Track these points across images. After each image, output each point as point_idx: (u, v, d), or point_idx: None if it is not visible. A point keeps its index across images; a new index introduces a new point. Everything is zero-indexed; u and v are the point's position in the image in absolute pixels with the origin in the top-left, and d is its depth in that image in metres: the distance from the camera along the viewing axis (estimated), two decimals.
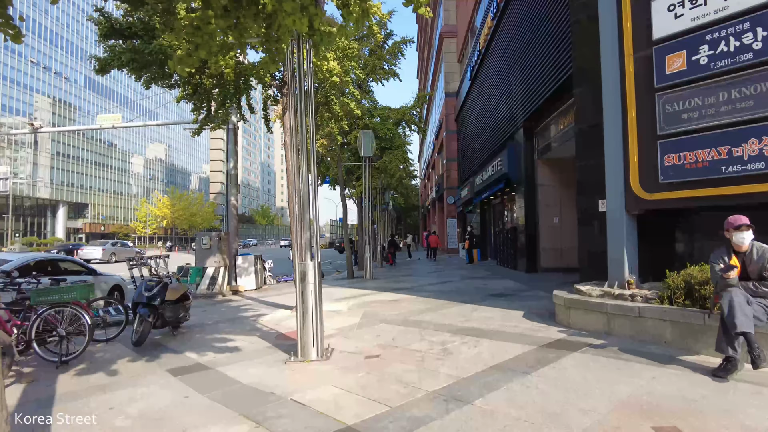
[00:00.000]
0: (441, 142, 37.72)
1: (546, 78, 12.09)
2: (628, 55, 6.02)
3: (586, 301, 5.98)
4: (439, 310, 8.17)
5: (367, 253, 15.70)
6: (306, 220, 5.68)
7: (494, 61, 18.96)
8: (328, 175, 20.26)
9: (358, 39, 16.66)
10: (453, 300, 9.39)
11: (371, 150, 14.83)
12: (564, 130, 12.28)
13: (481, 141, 21.93)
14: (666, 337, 5.01)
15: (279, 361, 5.46)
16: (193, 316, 9.20)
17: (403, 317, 7.66)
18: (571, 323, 6.19)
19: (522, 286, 11.27)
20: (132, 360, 5.97)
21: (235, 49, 8.34)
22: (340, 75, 9.62)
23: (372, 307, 8.97)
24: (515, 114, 15.67)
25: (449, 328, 6.65)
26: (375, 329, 6.87)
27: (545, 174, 14.73)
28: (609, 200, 6.34)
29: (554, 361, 4.74)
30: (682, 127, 5.45)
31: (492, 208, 23.38)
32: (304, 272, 5.58)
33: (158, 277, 7.52)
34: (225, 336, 7.18)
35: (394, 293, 11.04)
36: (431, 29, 44.11)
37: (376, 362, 5.12)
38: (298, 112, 5.62)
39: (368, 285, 13.33)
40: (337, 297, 10.80)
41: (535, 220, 14.89)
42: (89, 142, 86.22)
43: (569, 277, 12.78)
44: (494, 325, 6.66)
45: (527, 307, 8.06)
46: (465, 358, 5.06)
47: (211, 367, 5.45)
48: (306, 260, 5.64)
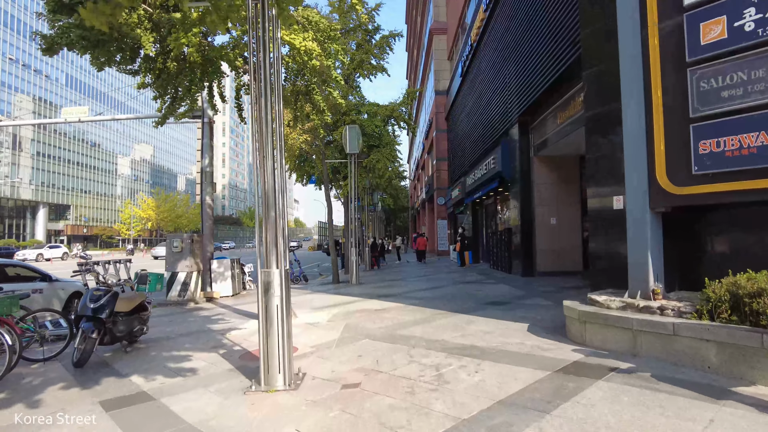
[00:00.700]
0: (431, 142, 36.88)
1: (544, 68, 11.23)
2: (652, 25, 5.13)
3: (605, 314, 5.05)
4: (431, 322, 7.21)
5: (354, 257, 14.71)
6: (271, 220, 4.71)
7: (487, 54, 18.11)
8: (313, 174, 19.28)
9: (344, 33, 15.77)
10: (445, 309, 8.45)
11: (357, 146, 13.86)
12: (563, 125, 11.42)
13: (473, 139, 21.07)
14: (710, 361, 4.10)
15: (238, 390, 4.48)
16: (157, 327, 8.20)
17: (390, 331, 6.69)
18: (586, 340, 5.27)
19: (519, 292, 10.36)
20: (65, 387, 4.95)
21: (198, 26, 7.37)
22: (321, 58, 8.67)
23: (356, 317, 7.99)
24: (510, 108, 14.80)
25: (443, 345, 5.70)
26: (357, 346, 5.89)
27: (542, 171, 13.86)
28: (629, 197, 5.44)
29: (576, 393, 3.81)
30: (721, 107, 4.56)
31: (484, 208, 22.52)
32: (268, 282, 4.59)
33: (107, 285, 6.50)
34: (184, 354, 6.17)
35: (381, 301, 10.08)
36: (421, 28, 43.30)
37: (355, 394, 4.15)
38: (260, 83, 4.64)
39: (354, 291, 12.35)
40: (318, 305, 9.81)
41: (531, 220, 14.02)
42: (71, 142, 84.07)
43: (568, 281, 11.95)
44: (495, 342, 5.72)
45: (530, 318, 7.14)
46: (465, 388, 4.11)
47: (155, 397, 4.45)
48: (271, 267, 4.66)
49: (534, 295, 9.71)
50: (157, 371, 5.38)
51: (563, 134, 11.47)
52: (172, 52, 7.67)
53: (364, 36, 16.41)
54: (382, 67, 16.54)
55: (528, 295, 9.85)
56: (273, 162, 4.75)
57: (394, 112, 17.00)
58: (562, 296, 9.35)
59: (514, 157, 14.65)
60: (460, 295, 10.53)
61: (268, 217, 4.70)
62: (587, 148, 6.77)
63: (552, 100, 11.96)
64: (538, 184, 13.89)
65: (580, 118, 10.30)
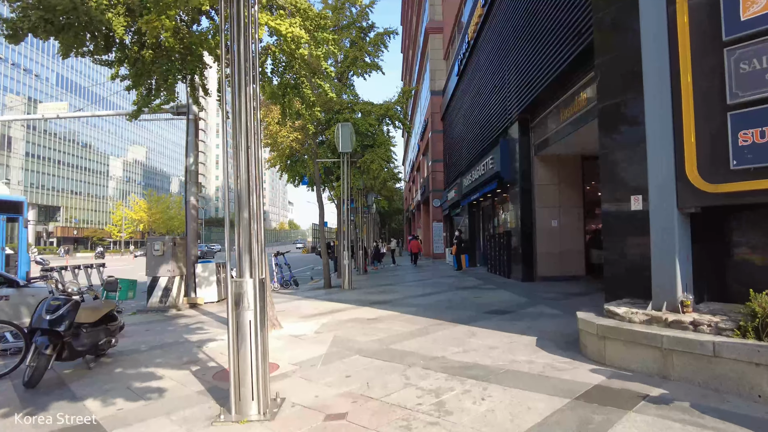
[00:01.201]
0: (426, 143, 36.30)
1: (547, 61, 10.63)
2: (681, 0, 4.52)
3: (629, 330, 4.41)
4: (428, 334, 6.55)
5: (346, 260, 14.04)
6: (244, 222, 4.06)
7: (485, 51, 17.52)
8: (306, 175, 18.59)
9: (338, 30, 15.14)
10: (443, 318, 7.80)
11: (350, 145, 13.20)
12: (566, 122, 10.83)
13: (470, 139, 20.47)
14: (761, 389, 3.47)
15: (204, 420, 3.81)
16: (131, 338, 7.54)
17: (383, 345, 6.03)
18: (606, 358, 4.63)
19: (521, 299, 9.73)
20: (5, 414, 4.26)
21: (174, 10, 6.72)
22: (310, 48, 8.03)
23: (346, 328, 7.32)
24: (509, 106, 14.21)
25: (443, 363, 5.04)
26: (346, 364, 5.22)
27: (543, 172, 13.26)
28: (653, 196, 4.82)
29: (605, 429, 3.17)
30: (766, 91, 3.94)
31: (481, 210, 21.92)
32: (239, 294, 3.94)
33: (66, 293, 5.81)
34: (153, 371, 5.49)
35: (374, 308, 9.42)
36: (416, 29, 42.75)
37: (340, 428, 3.49)
38: (235, 63, 4.00)
39: (346, 297, 11.69)
40: (307, 313, 9.13)
41: (531, 223, 13.41)
42: (62, 143, 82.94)
43: (572, 287, 11.34)
44: (502, 360, 5.06)
45: (537, 329, 6.50)
46: (471, 420, 3.46)
47: (107, 429, 3.78)
48: (244, 277, 4.00)
49: (538, 303, 9.09)
50: (119, 393, 4.70)
51: (566, 132, 10.88)
52: (147, 38, 7.02)
53: (359, 33, 15.76)
54: (377, 64, 15.90)
55: (531, 302, 9.22)
56: (247, 155, 4.10)
57: (389, 111, 16.34)
58: (568, 304, 8.73)
59: (513, 157, 14.05)
60: (459, 302, 9.89)
61: (241, 219, 4.05)
62: (600, 143, 6.15)
63: (554, 96, 11.37)
64: (538, 185, 13.29)
65: (586, 114, 9.72)
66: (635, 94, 5.34)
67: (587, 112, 9.69)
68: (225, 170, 4.25)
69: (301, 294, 12.95)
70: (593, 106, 9.39)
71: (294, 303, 10.94)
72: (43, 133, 78.08)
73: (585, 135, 10.58)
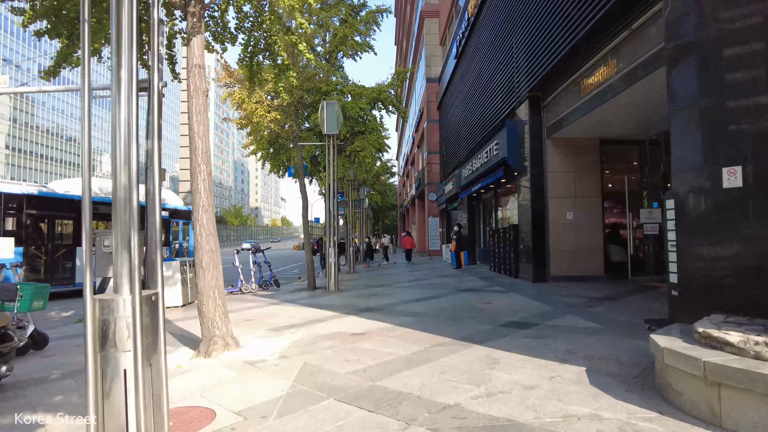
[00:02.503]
0: (421, 134, 34.61)
1: (570, 21, 8.93)
2: None
3: (766, 375, 2.73)
4: (431, 361, 4.84)
5: (332, 258, 12.31)
6: (127, 215, 2.34)
7: (488, 25, 15.80)
8: (291, 165, 16.81)
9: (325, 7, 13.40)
10: (450, 334, 6.09)
11: (336, 126, 11.47)
12: (589, 95, 9.16)
13: (471, 125, 18.75)
14: None
15: None
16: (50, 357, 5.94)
17: (369, 380, 4.29)
18: (723, 414, 2.93)
19: (542, 306, 8.06)
20: None
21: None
22: None
23: (321, 350, 5.58)
24: (517, 84, 12.52)
25: (458, 418, 3.30)
26: (310, 416, 3.50)
27: (557, 157, 11.58)
28: None
29: None
30: None
31: (482, 203, 20.28)
32: (107, 322, 2.22)
33: None
34: (41, 417, 3.77)
35: (362, 317, 7.71)
36: (410, 17, 40.95)
37: None
38: None
39: (330, 302, 9.97)
40: (279, 324, 7.41)
41: (543, 215, 11.75)
42: (45, 136, 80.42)
43: (593, 290, 9.66)
44: (549, 412, 3.34)
45: (581, 355, 4.77)
46: None
47: None
48: (121, 292, 2.29)
49: (563, 311, 7.41)
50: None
51: (588, 108, 9.22)
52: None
53: (348, 11, 13.98)
54: (368, 44, 14.17)
55: (555, 311, 7.53)
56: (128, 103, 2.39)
57: (381, 95, 14.59)
58: (602, 313, 7.08)
59: (522, 141, 12.38)
60: (465, 309, 8.20)
61: (123, 213, 2.34)
62: (670, 99, 4.46)
63: (573, 66, 9.71)
64: (551, 172, 11.62)
65: (616, 83, 8.07)
66: (731, 24, 3.66)
67: (610, 87, 8.14)
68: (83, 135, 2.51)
69: (280, 297, 11.23)
70: (623, 74, 7.75)
71: (269, 309, 9.22)
72: (24, 125, 75.55)
73: (609, 111, 8.98)
